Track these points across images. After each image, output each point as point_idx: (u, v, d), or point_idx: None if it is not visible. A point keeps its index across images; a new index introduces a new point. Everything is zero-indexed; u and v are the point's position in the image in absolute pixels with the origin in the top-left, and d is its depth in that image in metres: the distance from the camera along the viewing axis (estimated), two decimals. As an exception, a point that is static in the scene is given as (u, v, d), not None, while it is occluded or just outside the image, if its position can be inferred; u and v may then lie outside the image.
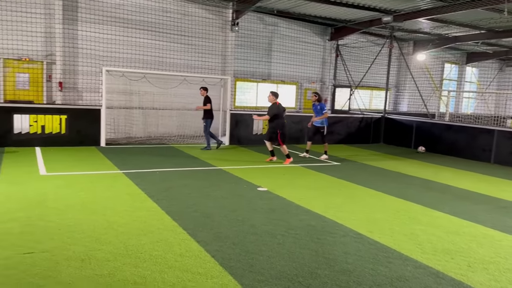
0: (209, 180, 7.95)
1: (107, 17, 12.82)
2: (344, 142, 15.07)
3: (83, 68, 12.60)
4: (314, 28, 18.10)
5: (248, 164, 9.99)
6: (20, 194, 6.24)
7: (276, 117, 9.93)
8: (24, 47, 11.67)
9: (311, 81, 18.61)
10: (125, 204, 6.02)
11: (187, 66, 14.45)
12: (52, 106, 11.12)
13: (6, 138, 10.31)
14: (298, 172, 9.33)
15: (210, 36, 14.90)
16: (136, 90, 13.46)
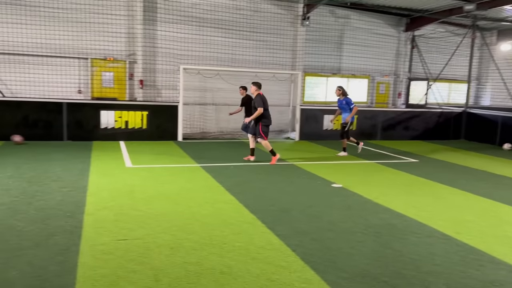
0: (282, 175, 8.01)
1: (184, 16, 13.35)
2: (421, 138, 14.41)
3: (161, 67, 13.24)
4: (387, 19, 17.46)
5: (319, 160, 9.92)
6: (111, 185, 6.73)
7: (265, 108, 8.97)
8: (109, 48, 12.51)
9: (384, 74, 17.99)
10: (206, 196, 6.26)
11: (258, 62, 14.62)
12: (134, 103, 11.82)
13: (94, 132, 11.14)
14: (373, 169, 9.09)
15: (281, 31, 14.94)
16: (210, 87, 13.89)
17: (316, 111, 13.36)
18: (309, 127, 13.18)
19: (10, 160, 8.32)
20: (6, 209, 5.32)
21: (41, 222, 4.87)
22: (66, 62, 12.19)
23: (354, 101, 10.55)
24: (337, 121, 13.42)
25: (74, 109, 10.99)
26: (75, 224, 4.85)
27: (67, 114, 10.90)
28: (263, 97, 8.98)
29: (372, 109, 14.57)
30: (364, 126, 13.77)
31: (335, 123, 12.23)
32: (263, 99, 8.95)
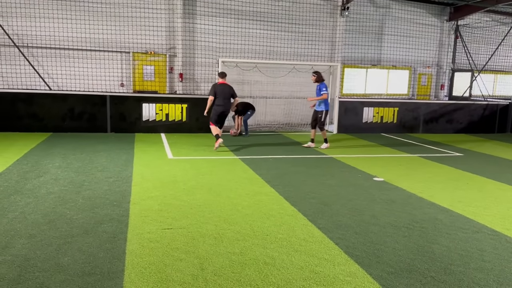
0: (322, 168, 7.94)
1: (222, 9, 13.41)
2: (465, 131, 13.89)
3: (200, 60, 13.39)
4: (430, 9, 16.85)
5: (359, 153, 9.75)
6: (154, 175, 6.91)
7: (215, 96, 9.41)
8: (150, 41, 12.77)
9: (426, 66, 17.42)
10: (246, 188, 6.30)
11: (296, 54, 14.51)
12: (174, 96, 12.03)
13: (136, 124, 11.44)
14: (416, 162, 8.85)
15: (319, 22, 14.74)
16: (247, 79, 13.92)
17: (355, 103, 13.13)
18: (348, 119, 12.98)
19: (57, 150, 8.68)
20: (56, 198, 5.56)
21: (90, 211, 5.07)
22: (109, 56, 12.55)
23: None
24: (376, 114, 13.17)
25: (117, 102, 11.32)
26: (121, 213, 5.01)
27: (110, 106, 11.24)
28: (220, 86, 9.51)
29: (414, 101, 14.15)
30: (405, 119, 13.41)
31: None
32: (215, 87, 9.50)
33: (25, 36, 11.93)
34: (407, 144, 11.29)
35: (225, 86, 9.49)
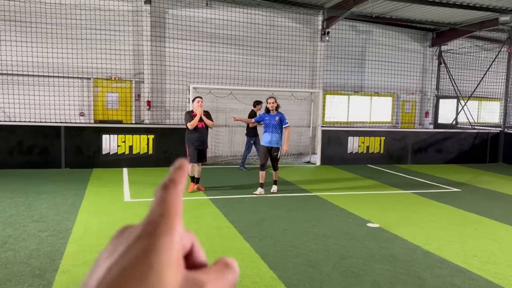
0: (306, 211, 6.78)
1: (194, 32, 12.42)
2: (455, 161, 13.02)
3: (170, 86, 12.26)
4: (412, 34, 16.32)
5: (347, 190, 8.65)
6: (100, 226, 5.61)
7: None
8: (113, 66, 11.60)
9: (410, 92, 16.73)
10: (215, 243, 5.07)
11: (275, 81, 13.55)
12: (139, 126, 10.82)
13: (95, 159, 10.13)
14: (411, 201, 7.79)
15: (299, 47, 13.90)
16: (222, 107, 12.83)
17: (339, 133, 12.15)
18: (332, 150, 11.95)
19: (-6, 193, 7.30)
20: (-38, 264, 4.22)
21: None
22: (67, 82, 11.28)
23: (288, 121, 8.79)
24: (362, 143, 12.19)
25: (73, 133, 10.02)
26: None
27: (65, 139, 9.93)
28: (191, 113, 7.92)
29: (402, 130, 13.29)
30: (393, 149, 12.47)
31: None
32: (190, 115, 7.86)
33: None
34: (398, 177, 10.28)
35: None
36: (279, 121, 7.65)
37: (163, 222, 0.36)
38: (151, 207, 0.38)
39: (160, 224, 0.36)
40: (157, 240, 0.35)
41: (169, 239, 0.35)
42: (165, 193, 0.38)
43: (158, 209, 0.37)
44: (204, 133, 7.82)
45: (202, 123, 7.67)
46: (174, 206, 0.38)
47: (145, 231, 0.36)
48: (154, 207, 0.37)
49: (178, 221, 0.37)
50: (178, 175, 0.40)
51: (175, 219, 0.37)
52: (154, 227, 0.36)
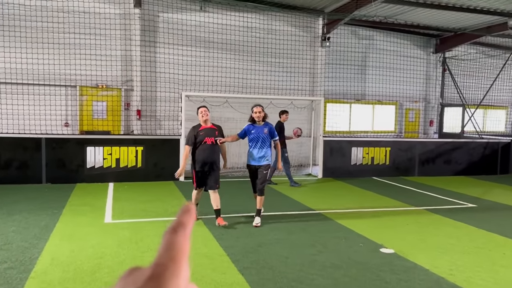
0: (309, 233, 6.01)
1: (187, 38, 11.71)
2: (465, 173, 12.27)
3: (161, 94, 11.53)
4: (415, 40, 15.68)
5: (353, 206, 7.88)
6: (72, 256, 4.82)
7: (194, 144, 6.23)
8: (101, 73, 10.86)
9: (414, 100, 16.05)
10: (204, 277, 4.29)
11: (273, 88, 12.84)
12: (127, 137, 10.06)
13: (79, 173, 9.35)
14: (426, 219, 7.01)
15: (298, 54, 13.21)
16: (217, 116, 12.06)
17: (342, 143, 11.40)
18: (334, 161, 11.19)
19: (-41, 213, 6.50)
20: None
21: None
22: (50, 90, 10.53)
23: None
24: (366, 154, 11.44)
25: (55, 146, 9.25)
26: None
27: (46, 151, 9.16)
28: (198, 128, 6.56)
29: (408, 140, 12.54)
30: (399, 160, 11.73)
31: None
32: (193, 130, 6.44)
33: None
34: (407, 192, 9.52)
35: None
36: (268, 133, 6.25)
37: (171, 266, 0.39)
38: (160, 250, 0.41)
39: (168, 268, 0.39)
40: (164, 283, 0.38)
41: (176, 282, 0.39)
42: (173, 237, 0.41)
43: (167, 253, 0.40)
44: (212, 152, 6.13)
45: (212, 139, 6.10)
46: (182, 250, 0.41)
47: (154, 273, 0.39)
48: (163, 251, 0.40)
49: (185, 265, 0.40)
50: (186, 218, 0.43)
51: (182, 263, 0.40)
52: (163, 270, 0.39)
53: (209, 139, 6.09)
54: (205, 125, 6.15)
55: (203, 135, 6.09)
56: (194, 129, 6.19)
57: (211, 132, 6.14)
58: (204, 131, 6.12)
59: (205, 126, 6.15)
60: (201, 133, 6.09)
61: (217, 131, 6.18)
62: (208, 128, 6.17)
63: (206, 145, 6.07)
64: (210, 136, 6.10)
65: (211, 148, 6.10)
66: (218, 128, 6.27)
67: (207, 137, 6.07)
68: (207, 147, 6.07)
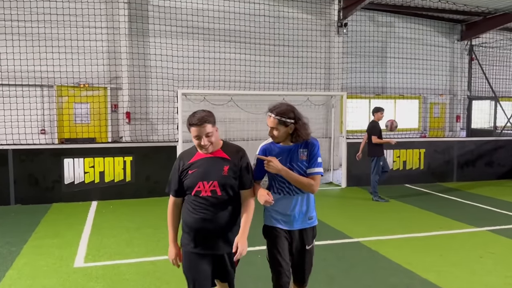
0: (354, 279, 4.34)
1: (182, 27, 10.05)
2: (509, 176, 10.57)
3: (154, 93, 9.87)
4: (438, 26, 14.02)
5: (395, 229, 6.21)
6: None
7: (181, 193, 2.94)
8: (82, 70, 9.22)
9: (439, 93, 14.37)
10: None
11: (283, 83, 11.18)
12: (112, 145, 8.41)
13: (55, 190, 7.72)
14: (498, 247, 5.33)
15: (311, 43, 11.55)
16: (221, 117, 10.42)
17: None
18: (359, 167, 9.47)
19: None
20: None
21: None
22: (23, 92, 8.87)
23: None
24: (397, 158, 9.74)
25: (25, 158, 7.61)
26: None
27: (14, 165, 7.52)
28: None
29: (445, 140, 10.81)
30: (435, 164, 10.05)
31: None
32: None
33: None
34: (452, 203, 7.86)
35: None
36: (306, 159, 2.96)
37: None
38: None
39: None
40: None
41: None
42: None
43: None
44: (216, 213, 2.77)
45: (213, 184, 2.76)
46: None
47: None
48: None
49: None
50: None
51: None
52: None
53: (207, 185, 2.74)
54: (205, 152, 2.80)
55: (194, 176, 2.77)
56: (182, 159, 2.87)
57: (212, 168, 2.77)
58: (200, 165, 2.78)
59: (205, 154, 2.81)
60: (190, 170, 2.79)
61: (228, 164, 2.78)
62: (209, 159, 2.79)
63: (200, 199, 2.75)
64: (210, 179, 2.75)
65: (212, 205, 2.75)
66: (235, 155, 2.83)
67: (201, 182, 2.75)
68: (202, 203, 2.74)
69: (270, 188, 3.04)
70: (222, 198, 2.74)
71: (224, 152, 2.80)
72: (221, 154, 2.79)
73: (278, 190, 2.99)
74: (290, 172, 2.87)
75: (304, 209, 2.99)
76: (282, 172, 2.84)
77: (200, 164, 2.77)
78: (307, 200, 3.01)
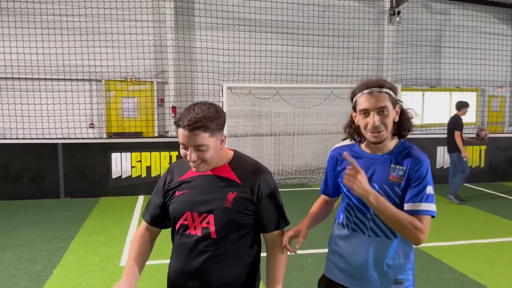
0: None
1: (228, 19, 9.83)
2: None
3: (200, 87, 9.75)
4: (497, 13, 13.00)
5: (455, 232, 5.71)
6: None
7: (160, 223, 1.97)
8: (130, 64, 9.22)
9: (498, 86, 13.36)
10: None
11: (331, 75, 10.74)
12: (159, 140, 8.36)
13: (103, 184, 7.77)
14: None
15: (361, 32, 11.01)
16: (265, 111, 10.17)
17: (423, 141, 9.15)
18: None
19: None
20: None
21: None
22: (70, 86, 8.99)
23: None
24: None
25: (74, 153, 7.72)
26: None
27: (63, 159, 7.63)
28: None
29: (508, 136, 10.03)
30: (497, 161, 9.33)
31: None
32: None
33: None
34: None
35: None
36: (402, 183, 1.81)
37: None
38: None
39: None
40: None
41: None
42: None
43: None
44: (208, 260, 1.71)
45: (210, 218, 1.71)
46: None
47: None
48: None
49: None
50: None
51: None
52: None
53: (198, 219, 1.72)
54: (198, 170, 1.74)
55: (181, 201, 1.76)
56: (171, 171, 1.86)
57: (209, 193, 1.73)
58: (192, 185, 1.77)
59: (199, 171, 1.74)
60: (178, 191, 1.78)
61: (236, 191, 1.72)
62: (207, 177, 1.76)
63: (186, 239, 1.76)
64: (204, 210, 1.71)
65: (203, 253, 1.71)
66: (250, 178, 1.76)
67: (189, 212, 1.73)
68: (188, 247, 1.75)
69: (340, 213, 2.02)
70: (219, 244, 1.64)
71: (232, 171, 1.75)
72: (226, 173, 1.74)
73: (348, 222, 1.92)
74: (382, 200, 1.70)
75: (388, 263, 1.83)
76: (370, 198, 1.69)
77: (193, 184, 1.74)
78: (397, 249, 1.84)
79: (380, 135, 1.79)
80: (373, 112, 1.77)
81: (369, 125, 1.78)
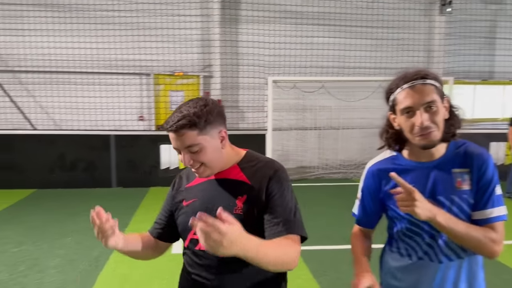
0: None
1: (274, 12, 9.82)
2: None
3: (245, 80, 9.82)
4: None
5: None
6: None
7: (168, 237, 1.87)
8: (177, 59, 9.43)
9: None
10: None
11: (379, 68, 10.50)
12: (205, 132, 8.51)
13: (152, 175, 8.03)
14: None
15: (410, 23, 10.68)
16: (310, 105, 10.11)
17: (476, 136, 8.66)
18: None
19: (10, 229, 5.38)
20: None
21: None
22: (121, 80, 9.32)
23: None
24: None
25: (125, 144, 8.02)
26: None
27: (116, 150, 7.94)
28: None
29: None
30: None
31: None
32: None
33: (2, 57, 8.96)
34: None
35: None
36: (471, 188, 1.52)
37: None
38: None
39: None
40: None
41: None
42: None
43: None
44: (219, 274, 1.50)
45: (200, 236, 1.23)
46: None
47: None
48: None
49: None
50: None
51: None
52: None
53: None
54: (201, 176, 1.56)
55: (188, 213, 1.59)
56: (181, 177, 1.77)
57: (216, 201, 1.52)
58: (199, 194, 1.61)
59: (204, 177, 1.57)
60: (186, 201, 1.64)
61: (245, 193, 1.50)
62: (213, 183, 1.58)
63: (195, 255, 1.59)
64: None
65: (213, 267, 1.52)
66: (260, 177, 1.52)
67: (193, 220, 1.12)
68: (198, 262, 1.58)
69: (389, 243, 1.72)
70: (236, 257, 1.17)
71: (241, 171, 1.55)
72: (235, 175, 1.54)
73: (407, 250, 1.62)
74: (449, 217, 1.44)
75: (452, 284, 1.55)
76: (437, 219, 1.40)
77: (199, 193, 1.58)
78: (469, 272, 1.57)
79: (432, 136, 1.46)
80: (420, 110, 1.46)
81: (416, 126, 1.46)
